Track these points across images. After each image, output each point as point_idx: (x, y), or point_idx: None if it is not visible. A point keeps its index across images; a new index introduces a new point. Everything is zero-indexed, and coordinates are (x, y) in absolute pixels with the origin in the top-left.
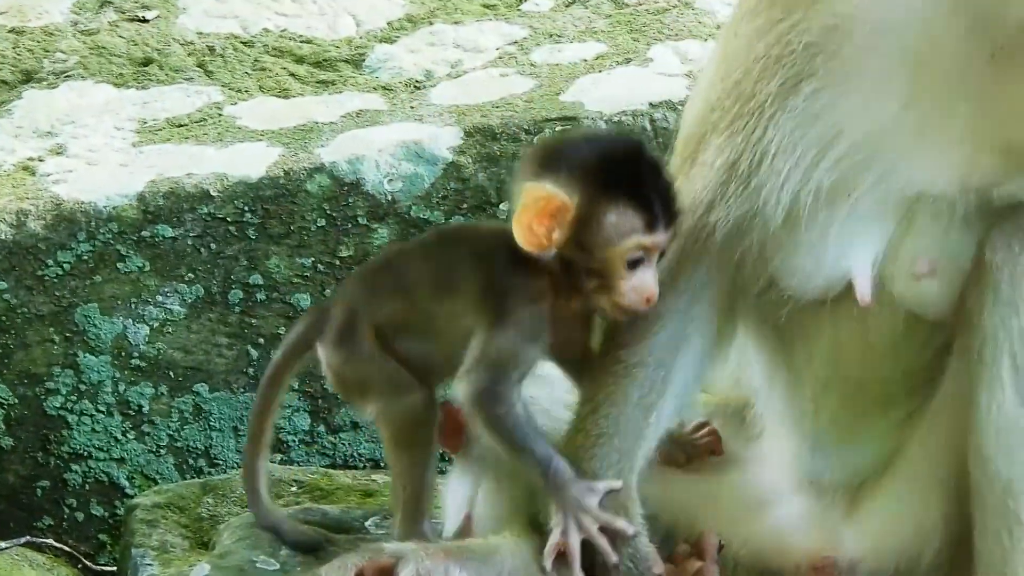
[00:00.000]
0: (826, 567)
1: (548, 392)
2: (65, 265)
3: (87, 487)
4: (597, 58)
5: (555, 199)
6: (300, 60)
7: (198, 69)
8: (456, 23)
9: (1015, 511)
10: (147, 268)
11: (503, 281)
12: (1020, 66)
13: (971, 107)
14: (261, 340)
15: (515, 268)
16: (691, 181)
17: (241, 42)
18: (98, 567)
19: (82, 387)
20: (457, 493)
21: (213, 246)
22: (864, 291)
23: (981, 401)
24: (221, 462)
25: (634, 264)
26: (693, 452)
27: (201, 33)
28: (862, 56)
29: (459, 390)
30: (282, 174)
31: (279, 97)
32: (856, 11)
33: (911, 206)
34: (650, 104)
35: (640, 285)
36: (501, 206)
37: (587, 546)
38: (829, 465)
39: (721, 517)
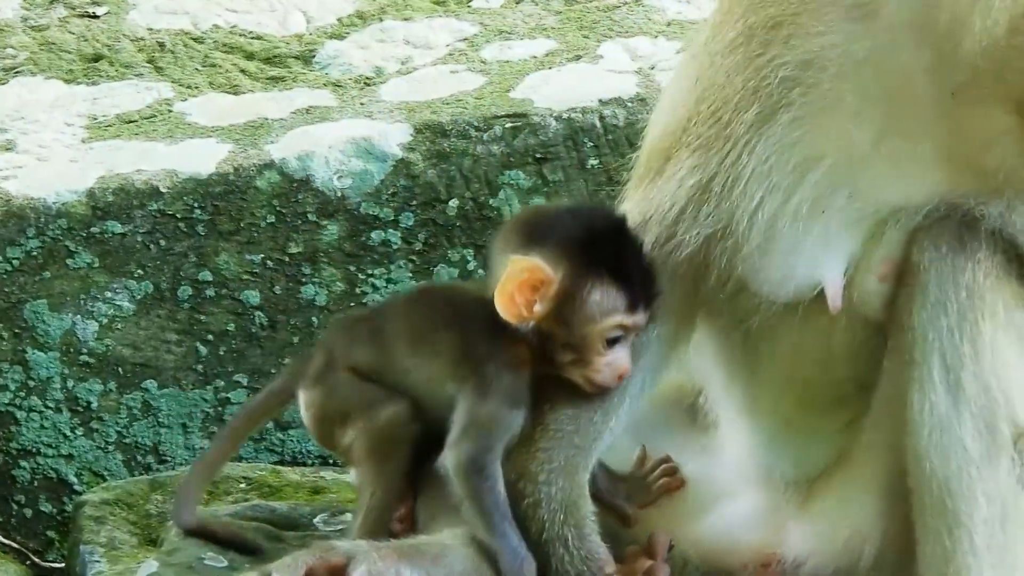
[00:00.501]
0: (773, 564)
1: None
2: (14, 261)
3: (35, 484)
4: (547, 55)
5: (540, 272)
6: (250, 56)
7: (148, 65)
8: (406, 20)
9: (953, 510)
10: (96, 264)
11: (483, 348)
12: (977, 102)
13: (940, 137)
14: (210, 337)
15: (494, 335)
16: (658, 192)
17: (191, 38)
18: (46, 564)
19: (31, 383)
20: None
21: (162, 242)
22: (835, 299)
23: (914, 401)
24: (170, 459)
25: (612, 342)
26: (648, 497)
27: (151, 29)
28: (836, 89)
29: (447, 458)
30: (232, 170)
31: (229, 93)
32: (830, 47)
33: (886, 218)
34: (600, 101)
35: (614, 362)
36: (450, 203)
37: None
38: (781, 464)
39: (672, 513)
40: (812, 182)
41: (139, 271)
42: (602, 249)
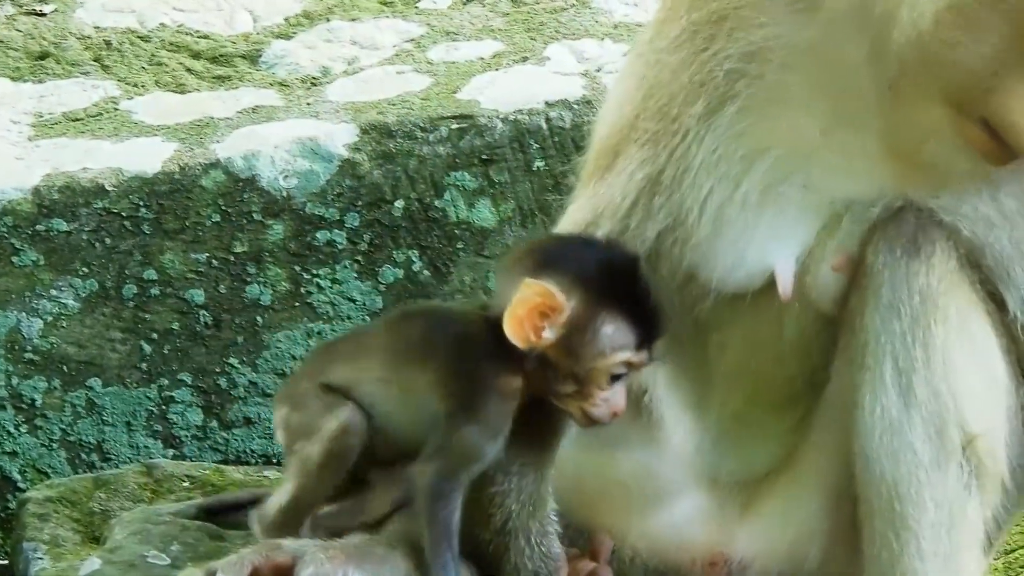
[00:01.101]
0: (719, 564)
1: None
2: None
3: None
4: (494, 56)
5: (552, 298)
6: (197, 55)
7: (95, 63)
8: (353, 20)
9: (901, 514)
10: (41, 262)
11: (478, 371)
12: (911, 95)
13: (882, 130)
14: (155, 335)
15: (492, 360)
16: (608, 188)
17: (138, 36)
18: None
19: None
20: None
21: (108, 240)
22: (786, 286)
23: (864, 403)
24: (113, 457)
25: (615, 378)
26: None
27: (98, 27)
28: (782, 80)
29: (416, 472)
30: (177, 169)
31: (175, 92)
32: (773, 38)
33: (840, 210)
34: (546, 103)
35: (612, 399)
36: (396, 203)
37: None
38: (728, 462)
39: (619, 510)
40: (761, 172)
41: (84, 269)
42: (616, 283)
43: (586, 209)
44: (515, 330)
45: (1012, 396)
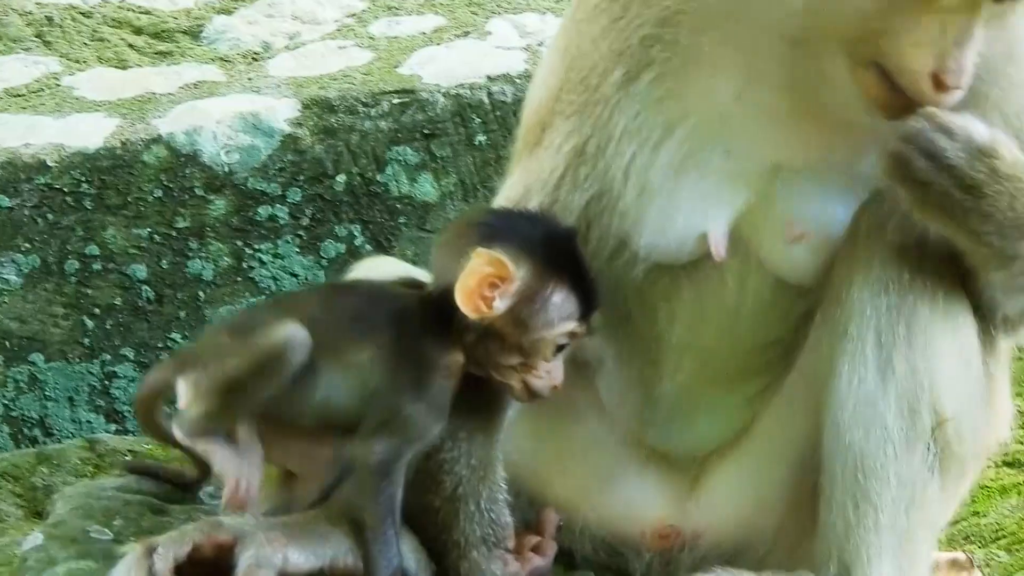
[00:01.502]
0: (670, 536)
1: None
2: None
3: None
4: (436, 31)
5: (505, 268)
6: (138, 31)
7: (36, 39)
8: None
9: (864, 486)
10: None
11: (421, 350)
12: (813, 49)
13: (791, 88)
14: (97, 311)
15: (433, 338)
16: (539, 162)
17: (79, 12)
18: None
19: None
20: None
21: (50, 216)
22: (718, 247)
23: (842, 373)
24: (56, 432)
25: (559, 349)
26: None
27: (40, 3)
28: (695, 43)
29: (357, 450)
30: (119, 145)
31: (117, 68)
32: (684, 1)
33: (777, 172)
34: (488, 77)
35: (554, 371)
36: (337, 178)
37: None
38: (678, 436)
39: (570, 483)
40: (681, 137)
41: (26, 245)
42: (560, 254)
43: (518, 185)
44: (466, 300)
45: (984, 387)
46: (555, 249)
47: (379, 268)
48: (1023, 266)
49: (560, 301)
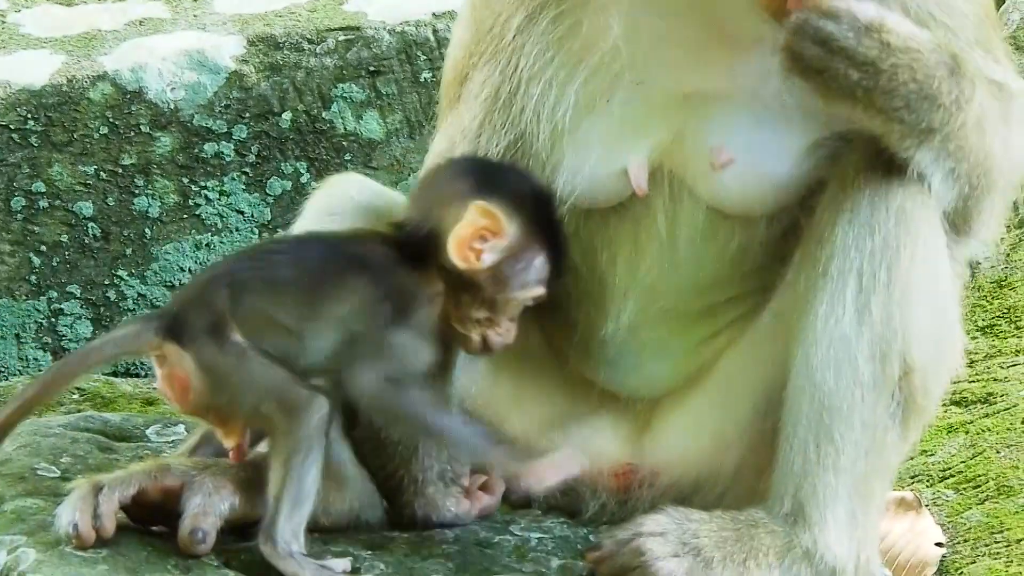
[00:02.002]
0: (626, 475)
1: None
2: None
3: None
4: None
5: (500, 223)
6: None
7: None
8: None
9: (828, 426)
10: None
11: (402, 280)
12: None
13: (691, 12)
14: (43, 248)
15: (411, 271)
16: (459, 116)
17: None
18: None
19: None
20: None
21: None
22: (639, 181)
23: (819, 312)
24: (3, 369)
25: (523, 311)
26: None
27: None
28: None
29: (358, 379)
30: (65, 82)
31: (63, 5)
32: None
33: (691, 100)
34: (433, 15)
35: (511, 331)
36: (283, 115)
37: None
38: (626, 377)
39: (528, 424)
40: (586, 73)
41: None
42: (546, 217)
43: (443, 140)
44: (457, 250)
45: (954, 335)
46: (542, 211)
47: (347, 186)
48: (944, 142)
49: (540, 264)
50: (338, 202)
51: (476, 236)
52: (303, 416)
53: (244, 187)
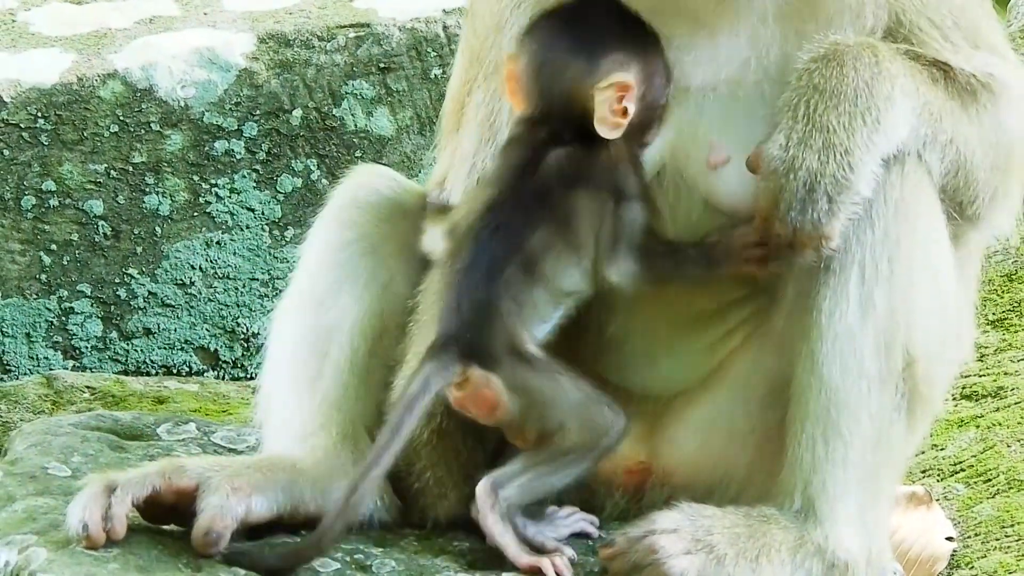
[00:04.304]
0: (640, 472)
1: None
2: None
3: None
4: None
5: (627, 83)
6: None
7: None
8: None
9: (835, 421)
10: None
11: (595, 166)
12: None
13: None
14: (54, 246)
15: (590, 151)
16: (458, 141)
17: None
18: None
19: None
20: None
21: (6, 152)
22: None
23: (823, 307)
24: (14, 368)
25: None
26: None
27: None
28: None
29: (615, 274)
30: (75, 80)
31: (73, 3)
32: None
33: (692, 96)
34: (444, 11)
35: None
36: (294, 113)
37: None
38: (639, 378)
39: None
40: None
41: None
42: (639, 36)
43: (444, 162)
44: (609, 127)
45: (958, 324)
46: (634, 38)
47: (373, 179)
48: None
49: (661, 80)
50: (365, 194)
51: (614, 102)
52: (605, 438)
53: (255, 184)
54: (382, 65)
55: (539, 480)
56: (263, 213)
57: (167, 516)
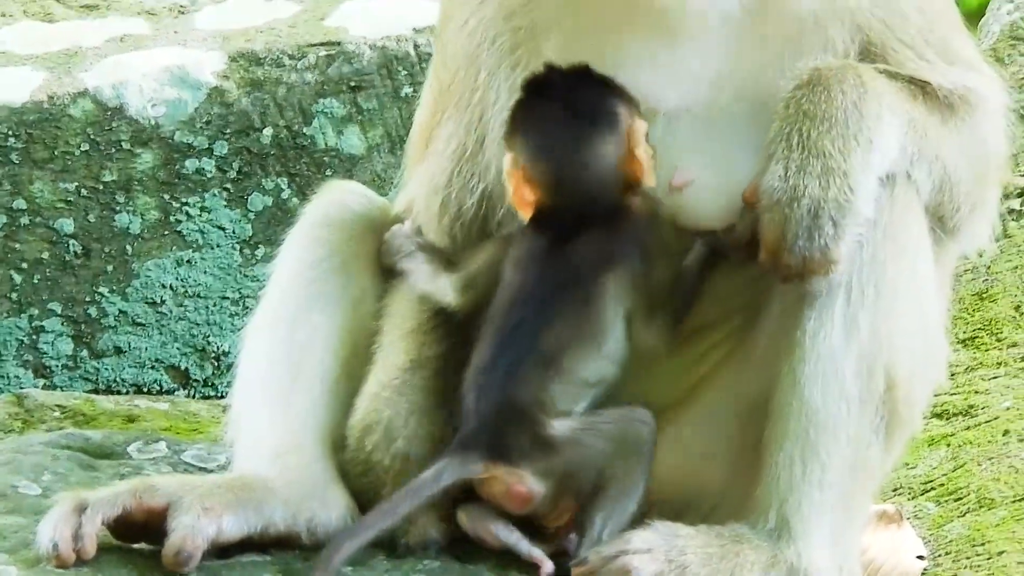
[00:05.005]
0: None
1: None
2: None
3: None
4: None
5: (641, 129)
6: None
7: None
8: None
9: (814, 442)
10: None
11: (619, 237)
12: None
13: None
14: (24, 265)
15: (614, 221)
16: (427, 169)
17: None
18: None
19: None
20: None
21: None
22: None
23: (807, 327)
24: None
25: None
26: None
27: None
28: (552, 20)
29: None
30: (46, 99)
31: (44, 22)
32: None
33: (664, 120)
34: (414, 29)
35: None
36: (264, 131)
37: None
38: (619, 395)
39: None
40: None
41: None
42: (611, 85)
43: (411, 191)
44: (645, 167)
45: (939, 347)
46: (614, 86)
47: (342, 195)
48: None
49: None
50: (336, 211)
51: (643, 149)
52: (645, 444)
53: (225, 203)
54: (353, 84)
55: (620, 513)
56: (234, 231)
57: (138, 535)
